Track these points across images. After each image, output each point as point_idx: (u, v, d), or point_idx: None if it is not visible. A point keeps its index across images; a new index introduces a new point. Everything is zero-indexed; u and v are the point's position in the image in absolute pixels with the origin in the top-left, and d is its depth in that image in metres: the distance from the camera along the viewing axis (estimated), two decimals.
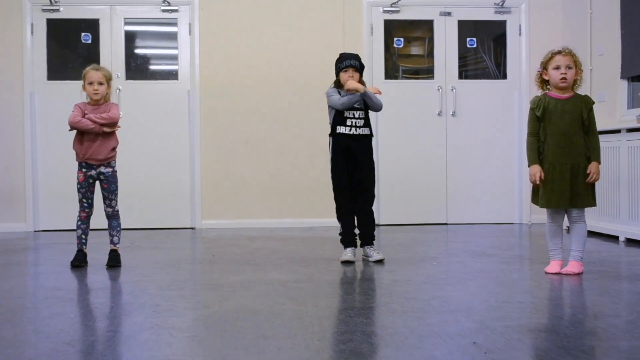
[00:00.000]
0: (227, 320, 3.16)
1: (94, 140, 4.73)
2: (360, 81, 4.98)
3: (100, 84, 4.77)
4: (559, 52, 4.28)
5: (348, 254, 4.89)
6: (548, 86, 4.37)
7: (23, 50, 7.24)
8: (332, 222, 5.12)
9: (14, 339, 2.92)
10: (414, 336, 2.84)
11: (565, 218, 4.37)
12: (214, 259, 5.19)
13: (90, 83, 4.76)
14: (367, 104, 4.93)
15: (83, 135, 4.74)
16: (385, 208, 7.49)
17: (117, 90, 7.29)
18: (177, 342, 2.81)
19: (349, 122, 4.89)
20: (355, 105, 4.89)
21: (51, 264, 5.01)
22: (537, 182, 4.24)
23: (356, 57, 5.00)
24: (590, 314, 3.34)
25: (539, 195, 4.32)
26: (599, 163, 4.26)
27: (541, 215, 7.33)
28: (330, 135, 4.97)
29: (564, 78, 4.23)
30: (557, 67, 4.25)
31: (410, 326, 3.01)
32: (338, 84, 4.99)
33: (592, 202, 4.27)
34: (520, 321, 3.11)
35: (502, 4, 7.56)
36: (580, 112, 4.24)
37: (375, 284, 4.21)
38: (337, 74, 5.00)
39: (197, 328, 3.08)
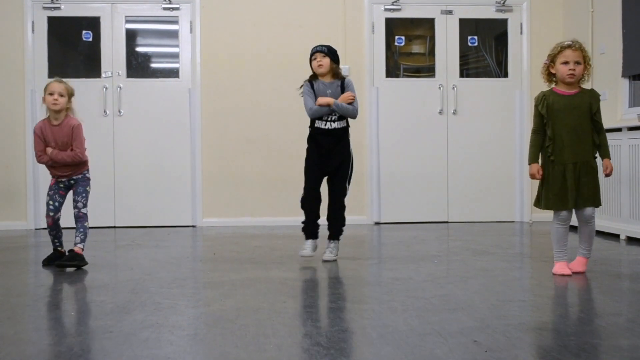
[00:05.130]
0: (228, 319, 3.16)
1: (62, 166, 4.74)
2: (333, 66, 4.94)
3: (61, 95, 4.66)
4: (569, 47, 4.14)
5: (307, 248, 4.87)
6: (554, 79, 4.25)
7: (24, 48, 7.24)
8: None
9: (15, 336, 2.92)
10: (415, 334, 2.84)
11: (574, 218, 4.27)
12: (215, 257, 5.19)
13: (51, 93, 4.64)
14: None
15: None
16: (386, 206, 7.49)
17: (118, 89, 7.29)
18: (178, 340, 2.81)
19: (324, 117, 4.91)
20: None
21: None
22: (538, 178, 4.19)
23: (325, 45, 5.00)
24: (591, 313, 3.33)
25: (543, 197, 4.23)
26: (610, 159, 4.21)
27: (542, 213, 7.31)
28: (309, 127, 5.01)
29: (571, 74, 4.11)
30: (566, 62, 4.12)
31: (411, 324, 3.01)
32: (313, 76, 5.00)
33: (599, 202, 4.22)
34: (521, 319, 3.11)
35: (504, 3, 7.54)
36: (588, 106, 4.14)
37: (376, 282, 4.21)
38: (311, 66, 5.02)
39: (197, 326, 3.08)
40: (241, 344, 2.72)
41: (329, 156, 4.91)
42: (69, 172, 4.76)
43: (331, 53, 4.96)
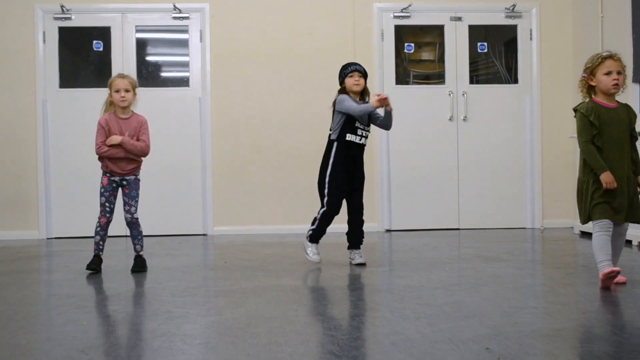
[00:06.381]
0: (239, 327, 3.17)
1: (120, 160, 4.85)
2: (365, 88, 5.10)
3: (127, 91, 4.85)
4: (610, 57, 4.06)
5: (317, 254, 5.06)
6: (592, 92, 4.14)
7: (35, 58, 7.28)
8: (343, 227, 5.12)
9: (28, 346, 2.93)
10: (427, 342, 2.83)
11: None
12: (226, 266, 5.20)
13: (117, 91, 4.83)
14: (373, 118, 5.05)
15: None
16: (396, 213, 7.48)
17: None
18: (190, 349, 2.82)
19: (359, 132, 5.02)
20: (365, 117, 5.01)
21: (64, 271, 5.03)
22: (615, 186, 3.93)
23: (361, 65, 5.13)
24: (603, 320, 3.32)
25: (590, 209, 4.02)
26: None
27: (553, 219, 7.35)
28: (335, 140, 5.01)
29: (616, 84, 4.03)
30: (609, 73, 4.03)
31: (422, 332, 3.00)
32: (343, 92, 5.05)
33: None
34: (533, 326, 3.10)
35: (513, 9, 7.54)
36: (629, 121, 4.12)
37: (388, 290, 4.20)
38: (342, 82, 5.08)
39: (209, 335, 3.08)
40: (253, 353, 2.73)
41: (355, 171, 5.05)
42: (126, 168, 4.88)
43: (366, 75, 5.11)
